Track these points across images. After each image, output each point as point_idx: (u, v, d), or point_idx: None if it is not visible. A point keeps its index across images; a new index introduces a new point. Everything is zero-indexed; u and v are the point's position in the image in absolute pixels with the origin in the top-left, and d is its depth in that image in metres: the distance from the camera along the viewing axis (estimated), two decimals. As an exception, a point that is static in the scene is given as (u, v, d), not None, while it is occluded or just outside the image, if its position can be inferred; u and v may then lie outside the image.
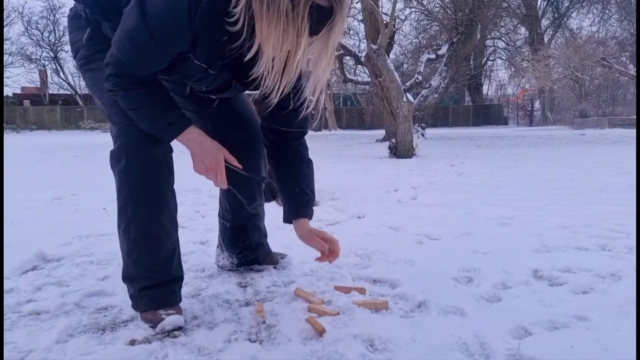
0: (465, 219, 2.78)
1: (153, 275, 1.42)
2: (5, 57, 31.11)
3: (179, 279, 1.49)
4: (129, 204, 1.41)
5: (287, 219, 1.60)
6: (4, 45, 30.41)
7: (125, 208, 1.42)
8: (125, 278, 1.46)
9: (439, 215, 2.90)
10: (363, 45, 16.53)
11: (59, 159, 8.49)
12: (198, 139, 1.38)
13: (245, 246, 1.84)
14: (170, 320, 1.36)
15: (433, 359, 1.18)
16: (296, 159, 1.58)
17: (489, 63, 32.49)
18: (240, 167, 1.45)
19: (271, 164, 1.64)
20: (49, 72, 34.31)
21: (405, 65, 20.91)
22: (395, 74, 7.96)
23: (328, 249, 1.52)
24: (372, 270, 1.86)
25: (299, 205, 1.56)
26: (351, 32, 18.81)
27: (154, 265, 1.42)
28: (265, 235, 1.93)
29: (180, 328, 1.37)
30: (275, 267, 1.89)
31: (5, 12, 30.56)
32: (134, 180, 1.40)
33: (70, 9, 1.56)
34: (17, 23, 33.86)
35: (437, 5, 15.41)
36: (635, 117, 18.39)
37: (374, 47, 8.09)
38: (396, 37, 15.48)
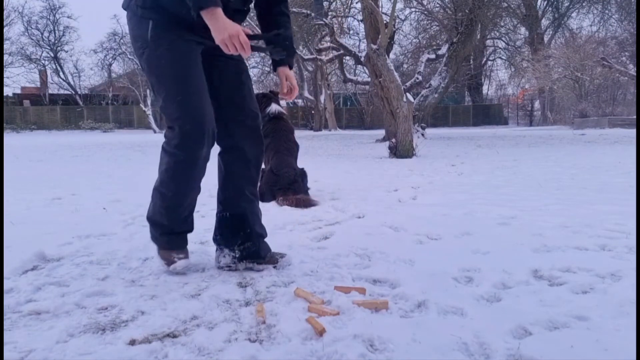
0: (465, 219, 2.78)
1: (173, 225, 1.84)
2: (5, 57, 31.09)
3: (190, 230, 1.91)
4: (169, 181, 1.78)
5: (275, 66, 1.98)
6: (4, 45, 30.41)
7: (165, 183, 1.80)
8: (151, 221, 1.87)
9: (439, 215, 2.90)
10: (363, 45, 16.51)
11: (59, 159, 8.49)
12: (221, 16, 1.60)
13: (246, 236, 1.88)
14: (181, 264, 1.82)
15: (433, 359, 1.18)
16: (285, 18, 1.92)
17: (489, 63, 32.48)
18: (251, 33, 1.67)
19: (263, 24, 1.94)
20: (49, 72, 34.34)
21: (405, 65, 20.88)
22: (395, 74, 7.96)
23: (288, 90, 1.98)
24: (372, 270, 1.86)
25: (288, 55, 1.91)
26: (351, 32, 18.82)
27: (175, 219, 1.84)
28: (265, 229, 1.97)
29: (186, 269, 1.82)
30: (275, 267, 1.89)
31: (5, 12, 30.54)
32: (175, 172, 1.77)
33: (127, 13, 1.78)
34: (17, 23, 33.71)
35: (437, 5, 15.42)
36: (635, 117, 18.39)
37: (374, 47, 8.09)
38: (396, 37, 15.48)
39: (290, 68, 1.96)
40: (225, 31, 1.58)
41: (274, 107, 3.68)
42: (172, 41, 1.68)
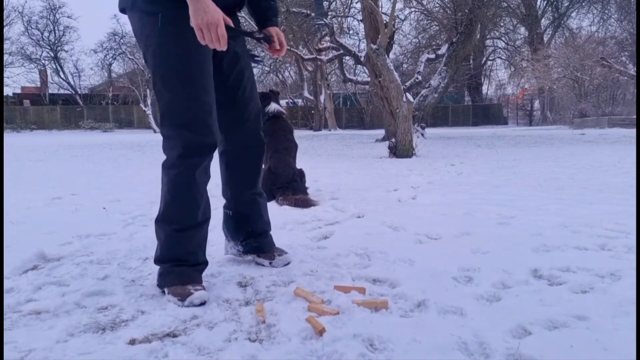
0: (465, 219, 2.78)
1: (184, 259, 1.64)
2: (5, 57, 31.09)
3: (204, 263, 1.72)
4: (172, 201, 1.63)
5: (261, 29, 1.84)
6: (4, 45, 30.39)
7: (168, 205, 1.64)
8: (158, 261, 1.66)
9: (439, 214, 2.90)
10: (363, 45, 16.52)
11: (59, 158, 8.49)
12: None
13: (248, 234, 1.94)
14: (198, 295, 1.54)
15: (432, 358, 1.18)
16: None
17: (489, 63, 32.49)
18: (232, 25, 1.52)
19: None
20: (49, 71, 34.34)
21: (405, 65, 20.87)
22: (395, 73, 7.95)
23: (277, 46, 1.81)
24: (372, 269, 1.86)
25: (273, 16, 1.85)
26: (351, 32, 18.80)
27: (187, 249, 1.65)
28: (268, 225, 2.00)
29: (204, 303, 1.54)
30: (270, 263, 1.90)
31: (5, 12, 30.53)
32: (177, 185, 1.61)
33: (130, 13, 1.62)
34: (17, 23, 33.83)
35: (437, 5, 15.41)
36: (634, 116, 18.39)
37: (374, 47, 8.09)
38: (396, 37, 15.46)
39: (277, 26, 1.86)
40: (205, 15, 1.41)
41: (273, 106, 3.69)
42: (180, 33, 1.50)
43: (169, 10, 1.52)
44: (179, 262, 1.62)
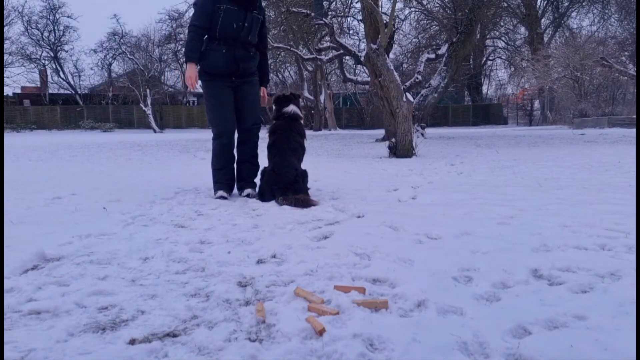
0: (464, 219, 2.78)
1: (219, 180, 3.75)
2: (5, 56, 31.08)
3: (229, 182, 3.78)
4: (213, 152, 3.78)
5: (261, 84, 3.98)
6: (4, 45, 30.39)
7: (213, 152, 3.79)
8: (213, 179, 3.80)
9: (439, 214, 2.90)
10: (363, 45, 16.51)
11: (59, 158, 8.48)
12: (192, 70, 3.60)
13: (241, 181, 3.89)
14: (220, 193, 3.65)
15: (432, 358, 1.18)
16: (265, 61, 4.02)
17: (489, 63, 32.48)
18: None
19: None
20: (49, 71, 34.34)
21: (405, 65, 20.86)
22: (395, 73, 7.95)
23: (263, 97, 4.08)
24: (372, 269, 1.86)
25: (266, 79, 4.03)
26: (351, 32, 18.80)
27: (220, 178, 3.75)
28: (251, 177, 3.91)
29: (224, 198, 3.62)
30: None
31: (5, 12, 30.53)
32: (215, 152, 3.79)
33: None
34: (17, 23, 33.71)
35: (437, 5, 15.41)
36: (635, 116, 18.39)
37: (374, 46, 8.08)
38: (396, 36, 15.46)
39: (265, 87, 4.04)
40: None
41: (290, 107, 3.84)
42: (211, 85, 3.69)
43: (206, 75, 3.69)
44: (216, 181, 3.78)
